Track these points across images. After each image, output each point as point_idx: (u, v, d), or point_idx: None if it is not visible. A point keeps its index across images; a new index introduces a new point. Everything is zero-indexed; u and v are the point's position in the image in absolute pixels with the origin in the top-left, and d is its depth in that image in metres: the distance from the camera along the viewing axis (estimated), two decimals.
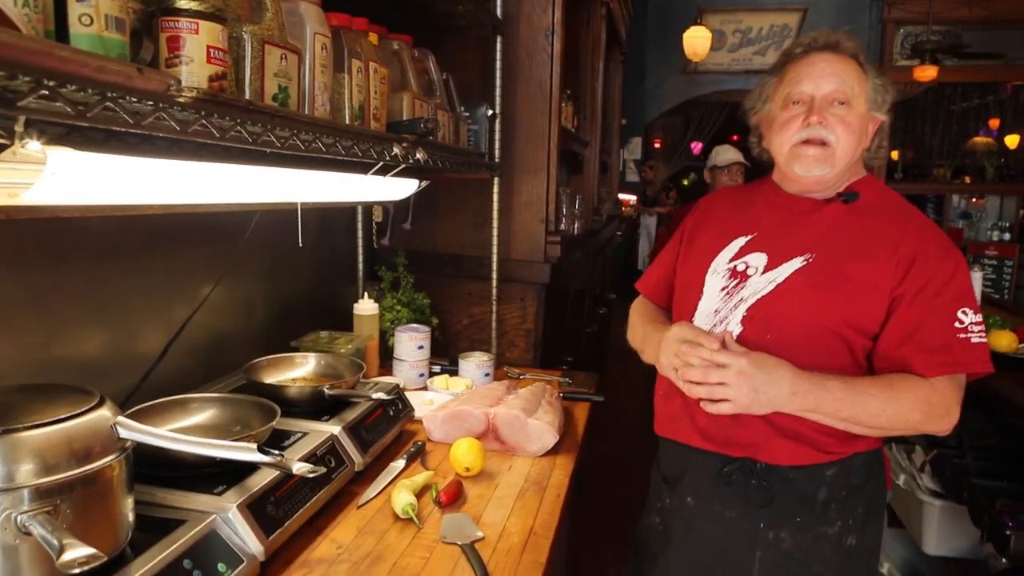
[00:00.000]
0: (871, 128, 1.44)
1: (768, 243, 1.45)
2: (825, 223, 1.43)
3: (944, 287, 1.32)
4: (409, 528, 1.36)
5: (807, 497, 1.39)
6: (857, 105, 1.39)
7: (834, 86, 1.38)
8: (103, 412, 0.98)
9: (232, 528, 1.13)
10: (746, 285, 1.42)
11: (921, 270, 1.33)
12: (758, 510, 1.40)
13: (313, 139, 1.07)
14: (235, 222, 1.84)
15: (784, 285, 1.38)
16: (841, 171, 1.42)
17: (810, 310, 1.35)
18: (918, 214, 1.44)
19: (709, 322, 1.44)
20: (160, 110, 0.70)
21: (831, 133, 1.37)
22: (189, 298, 1.75)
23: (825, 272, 1.37)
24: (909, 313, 1.32)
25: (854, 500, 1.41)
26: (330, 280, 2.47)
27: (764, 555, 1.41)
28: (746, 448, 1.40)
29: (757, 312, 1.39)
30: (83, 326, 1.47)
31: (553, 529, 1.39)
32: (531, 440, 1.73)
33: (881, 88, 1.43)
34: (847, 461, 1.40)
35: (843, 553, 1.41)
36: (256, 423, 1.39)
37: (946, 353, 1.30)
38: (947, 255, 1.36)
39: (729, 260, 1.47)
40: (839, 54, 1.41)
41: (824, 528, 1.40)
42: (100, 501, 0.95)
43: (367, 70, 1.35)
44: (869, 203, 1.43)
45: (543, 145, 2.63)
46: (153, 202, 1.22)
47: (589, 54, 4.23)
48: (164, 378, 1.64)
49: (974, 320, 1.33)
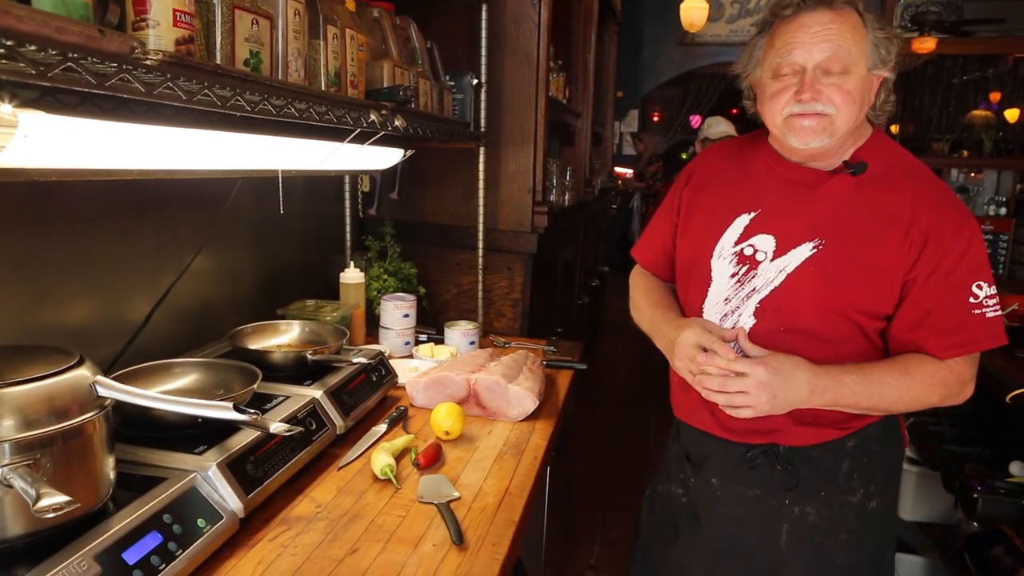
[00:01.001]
0: (875, 84, 1.33)
1: (775, 223, 1.38)
2: (832, 199, 1.35)
3: (958, 262, 1.29)
4: (387, 488, 1.40)
5: (831, 471, 1.40)
6: (857, 68, 1.27)
7: (828, 54, 1.26)
8: (82, 371, 1.01)
9: (212, 485, 1.17)
10: (757, 273, 1.37)
11: (935, 250, 1.29)
12: (784, 491, 1.41)
13: (285, 104, 1.09)
14: (220, 189, 1.86)
15: (795, 275, 1.34)
16: (843, 138, 1.33)
17: (823, 301, 1.33)
18: (930, 180, 1.36)
19: (720, 311, 1.41)
20: (124, 71, 0.72)
21: (828, 105, 1.27)
22: (176, 265, 1.77)
23: (836, 260, 1.32)
24: (922, 296, 1.30)
25: (873, 466, 1.42)
26: (318, 249, 2.49)
27: (791, 528, 1.42)
28: (768, 435, 1.40)
29: (770, 304, 1.36)
30: (69, 292, 1.49)
31: (528, 490, 1.43)
32: (511, 405, 1.77)
33: (884, 41, 1.30)
34: (865, 430, 1.40)
35: (867, 518, 1.42)
36: (237, 386, 1.41)
37: (961, 333, 1.29)
38: (962, 226, 1.30)
39: (735, 243, 1.41)
40: (834, 9, 1.27)
41: (848, 497, 1.41)
42: (80, 456, 0.98)
43: (343, 37, 1.35)
44: (878, 172, 1.35)
45: (530, 115, 2.63)
46: (132, 167, 1.24)
47: (581, 24, 4.20)
48: (151, 344, 1.67)
49: (988, 293, 1.29)
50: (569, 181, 3.68)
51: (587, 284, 4.55)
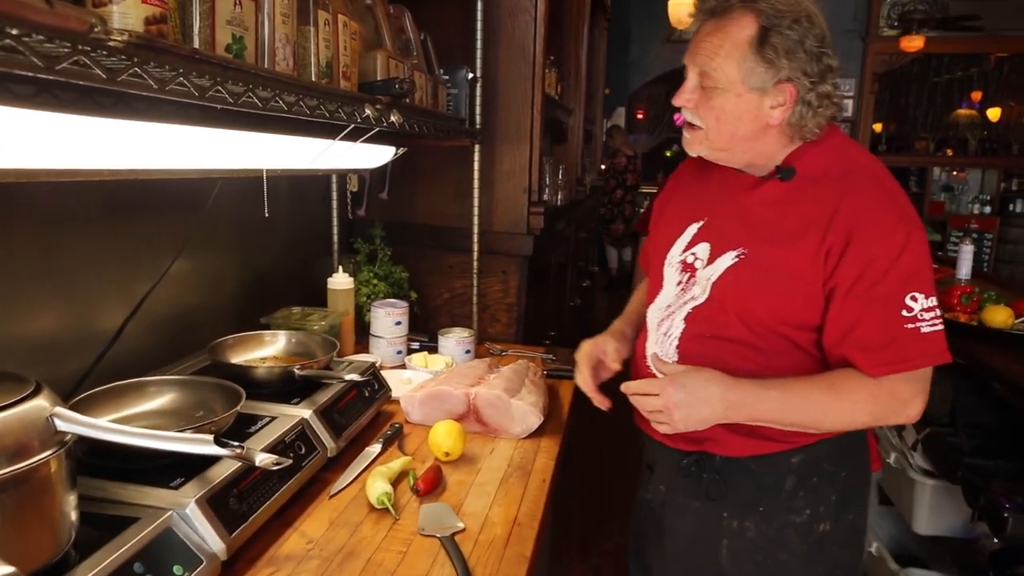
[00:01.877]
0: (778, 101, 1.21)
1: (713, 231, 1.36)
2: (762, 206, 1.30)
3: (887, 272, 1.17)
4: (385, 519, 1.27)
5: (771, 487, 1.34)
6: (727, 85, 1.20)
7: (696, 67, 1.24)
8: (38, 402, 0.88)
9: (190, 525, 1.04)
10: (696, 281, 1.35)
11: (857, 256, 1.18)
12: (721, 500, 1.37)
13: (272, 96, 0.96)
14: (199, 190, 1.72)
15: (717, 284, 1.31)
16: (734, 151, 1.28)
17: (743, 311, 1.28)
18: (865, 180, 1.25)
19: (659, 317, 1.41)
20: (80, 53, 0.59)
21: (695, 117, 1.26)
22: (152, 271, 1.63)
23: (752, 268, 1.27)
24: (844, 309, 1.20)
25: (826, 486, 1.35)
26: (303, 253, 2.36)
27: (731, 543, 1.38)
28: (701, 443, 1.36)
29: (700, 312, 1.33)
30: (31, 302, 1.35)
31: (539, 519, 1.31)
32: (514, 422, 1.65)
33: (782, 59, 1.17)
34: (813, 448, 1.32)
35: (813, 540, 1.35)
36: (219, 408, 1.29)
37: (889, 350, 1.18)
38: (894, 230, 1.19)
39: (682, 251, 1.40)
40: (719, 19, 1.21)
41: (791, 517, 1.35)
42: (35, 502, 0.85)
43: (335, 23, 1.23)
44: (810, 176, 1.26)
45: (526, 112, 2.52)
46: (100, 166, 1.11)
47: (573, 18, 4.09)
48: (125, 357, 1.54)
49: (926, 306, 1.18)
50: (562, 180, 3.57)
51: (578, 285, 4.45)
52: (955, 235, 8.67)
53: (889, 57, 7.77)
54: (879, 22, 7.71)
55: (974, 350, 2.10)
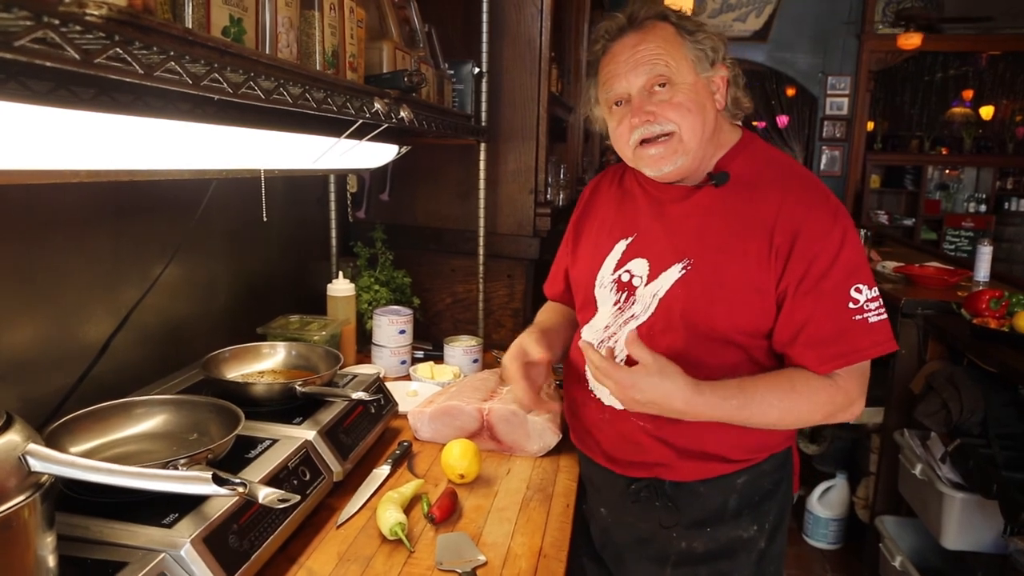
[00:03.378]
0: (718, 85, 1.28)
1: (647, 246, 1.33)
2: (698, 215, 1.29)
3: (831, 266, 1.19)
4: (399, 552, 1.16)
5: (718, 507, 1.33)
6: (682, 77, 1.23)
7: (645, 75, 1.23)
8: (10, 437, 0.76)
9: (186, 568, 0.92)
10: (636, 300, 1.31)
11: (802, 253, 1.19)
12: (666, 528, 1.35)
13: (276, 87, 0.85)
14: (190, 192, 1.60)
15: (666, 299, 1.27)
16: (699, 151, 1.26)
17: (698, 325, 1.25)
18: (797, 178, 1.28)
19: (598, 339, 1.35)
20: (46, 27, 0.48)
21: (667, 123, 1.23)
22: (140, 278, 1.52)
23: (704, 280, 1.25)
24: (793, 307, 1.21)
25: (767, 505, 1.36)
26: (300, 257, 2.24)
27: (677, 558, 1.36)
28: (652, 469, 1.33)
29: (644, 331, 1.28)
30: (8, 314, 1.23)
31: (565, 549, 1.20)
32: (531, 439, 1.54)
33: (706, 40, 1.25)
34: (757, 467, 1.33)
35: (755, 557, 1.35)
36: (215, 431, 1.17)
37: (841, 343, 1.19)
38: (832, 225, 1.21)
39: (614, 269, 1.36)
40: (641, 30, 1.25)
41: (739, 533, 1.34)
42: (6, 556, 0.74)
43: (341, 8, 1.11)
44: (742, 179, 1.28)
45: (532, 109, 2.41)
46: (77, 167, 0.99)
47: (574, 14, 3.99)
48: (112, 373, 1.42)
49: (870, 296, 1.20)
50: (563, 179, 3.47)
51: None
52: (951, 234, 8.62)
53: (884, 55, 7.71)
54: (875, 19, 7.64)
55: (1007, 357, 2.00)
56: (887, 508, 2.74)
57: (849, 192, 8.02)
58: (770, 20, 7.59)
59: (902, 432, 2.49)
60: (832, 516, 3.24)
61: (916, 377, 2.51)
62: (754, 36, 7.66)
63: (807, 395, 1.20)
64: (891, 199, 9.13)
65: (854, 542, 3.24)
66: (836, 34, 7.67)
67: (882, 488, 2.77)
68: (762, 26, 7.64)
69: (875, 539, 2.69)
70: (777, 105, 8.76)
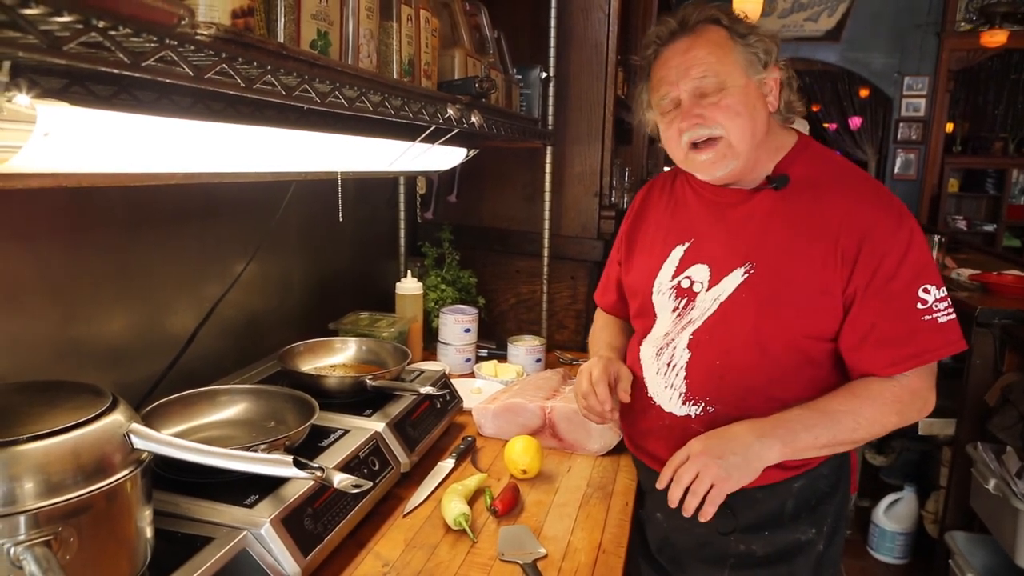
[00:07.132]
0: (771, 87, 1.27)
1: (707, 251, 1.33)
2: (758, 218, 1.28)
3: (899, 266, 1.18)
4: (462, 541, 1.21)
5: (775, 511, 1.32)
6: (733, 80, 1.22)
7: (695, 79, 1.23)
8: (115, 417, 0.84)
9: (265, 546, 0.99)
10: (695, 305, 1.31)
11: (870, 255, 1.19)
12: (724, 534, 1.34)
13: (359, 96, 0.90)
14: (270, 193, 1.69)
15: (728, 303, 1.27)
16: (750, 155, 1.25)
17: (762, 329, 1.24)
18: (859, 181, 1.27)
19: (657, 346, 1.35)
20: (166, 48, 0.53)
21: (715, 127, 1.22)
22: (222, 275, 1.61)
23: (770, 283, 1.24)
24: (863, 310, 1.20)
25: (824, 508, 1.34)
26: (370, 257, 2.32)
27: (735, 562, 1.35)
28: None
29: (703, 335, 1.29)
30: (104, 307, 1.33)
31: (624, 546, 1.23)
32: (592, 438, 1.57)
33: (758, 44, 1.24)
34: (814, 471, 1.32)
35: (814, 560, 1.33)
36: (292, 420, 1.24)
37: (912, 343, 1.18)
38: (898, 226, 1.20)
39: (672, 276, 1.35)
40: (691, 34, 1.25)
41: (797, 536, 1.33)
42: (111, 524, 0.81)
43: (418, 19, 1.17)
44: (803, 182, 1.27)
45: (598, 112, 2.44)
46: (174, 170, 1.07)
47: (640, 16, 3.98)
48: (195, 362, 1.51)
49: (938, 296, 1.19)
50: (628, 182, 3.47)
51: None
52: None
53: (966, 53, 7.41)
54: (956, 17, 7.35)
55: None
56: (958, 523, 2.66)
57: (925, 197, 7.73)
58: (843, 19, 7.40)
59: (975, 445, 2.41)
60: (899, 530, 3.15)
61: (991, 389, 2.43)
62: (826, 36, 7.48)
63: (870, 399, 1.20)
64: (970, 204, 8.75)
65: (922, 557, 3.14)
66: (914, 33, 7.41)
67: (953, 502, 2.68)
68: (835, 25, 7.45)
69: (944, 555, 2.61)
70: (849, 106, 8.51)
